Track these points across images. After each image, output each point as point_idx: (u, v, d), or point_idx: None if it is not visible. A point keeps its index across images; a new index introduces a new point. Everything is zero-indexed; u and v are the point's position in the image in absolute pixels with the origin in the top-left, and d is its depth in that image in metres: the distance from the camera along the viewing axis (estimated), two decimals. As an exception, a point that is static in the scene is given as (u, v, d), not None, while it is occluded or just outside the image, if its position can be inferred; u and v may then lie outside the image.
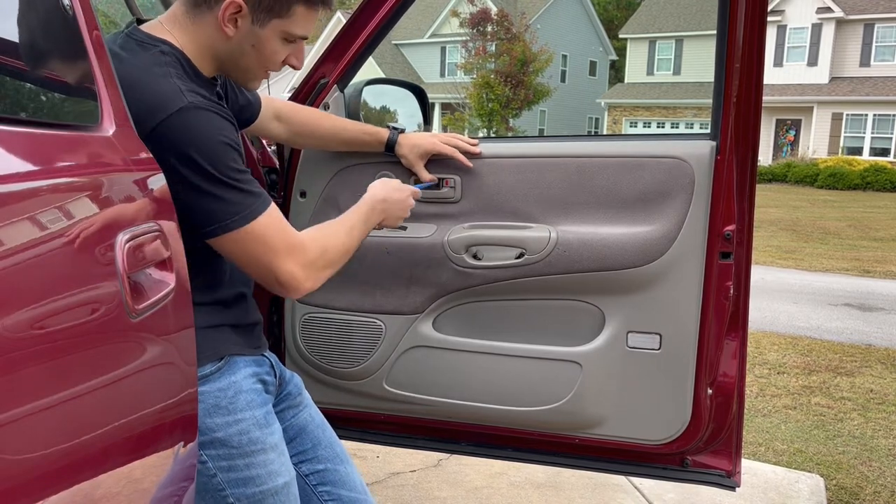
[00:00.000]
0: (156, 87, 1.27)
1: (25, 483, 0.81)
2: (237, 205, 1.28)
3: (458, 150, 1.87)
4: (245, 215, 1.28)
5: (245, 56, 1.39)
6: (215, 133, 1.27)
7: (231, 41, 1.36)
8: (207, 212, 1.27)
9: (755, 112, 1.70)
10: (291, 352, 2.06)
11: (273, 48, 1.39)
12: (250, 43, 1.37)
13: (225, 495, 1.37)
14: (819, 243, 11.29)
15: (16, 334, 0.80)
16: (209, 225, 1.28)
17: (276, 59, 1.41)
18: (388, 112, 2.27)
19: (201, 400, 1.33)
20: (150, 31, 1.37)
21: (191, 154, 1.24)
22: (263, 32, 1.36)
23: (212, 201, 1.26)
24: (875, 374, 4.81)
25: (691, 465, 1.90)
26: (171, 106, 1.25)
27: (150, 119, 1.23)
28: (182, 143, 1.24)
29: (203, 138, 1.26)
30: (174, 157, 1.23)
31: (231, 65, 1.41)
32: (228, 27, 1.34)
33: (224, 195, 1.27)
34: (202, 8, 1.35)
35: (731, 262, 1.78)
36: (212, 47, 1.38)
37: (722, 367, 1.84)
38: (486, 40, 28.50)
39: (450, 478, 3.02)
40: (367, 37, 1.91)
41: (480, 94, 28.09)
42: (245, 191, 1.29)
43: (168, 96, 1.26)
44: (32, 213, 0.87)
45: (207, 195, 1.26)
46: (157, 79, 1.28)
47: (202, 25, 1.36)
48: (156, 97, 1.26)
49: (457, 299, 1.92)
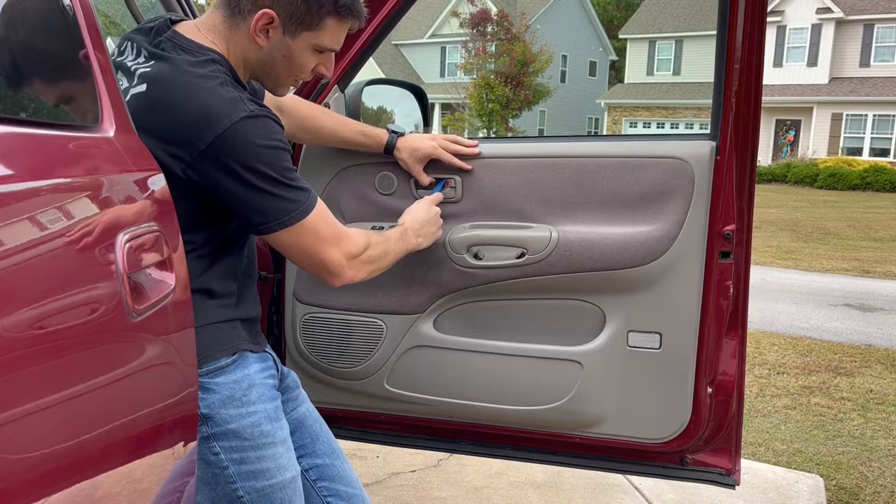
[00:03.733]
0: (216, 96, 1.32)
1: (26, 482, 0.81)
2: (294, 202, 1.37)
3: (457, 152, 1.88)
4: (301, 211, 1.38)
5: (276, 65, 1.44)
6: (272, 139, 1.35)
7: (262, 51, 1.41)
8: (268, 210, 1.36)
9: (755, 112, 1.71)
10: (292, 351, 2.06)
11: (303, 59, 1.44)
12: (281, 53, 1.42)
13: (235, 488, 1.38)
14: (819, 243, 11.29)
15: (16, 334, 0.80)
16: (269, 221, 1.37)
17: (306, 69, 1.46)
18: (386, 112, 2.27)
19: (216, 391, 1.36)
20: (192, 37, 1.40)
21: (254, 159, 1.32)
22: (294, 44, 1.41)
23: (273, 200, 1.35)
24: (875, 374, 4.81)
25: (691, 464, 1.91)
26: (235, 115, 1.31)
27: (214, 126, 1.29)
28: (246, 149, 1.31)
29: (264, 144, 1.33)
30: (237, 163, 1.31)
31: (262, 73, 1.47)
32: (260, 37, 1.39)
33: (284, 194, 1.36)
34: (237, 18, 1.40)
35: (731, 261, 1.78)
36: (245, 55, 1.43)
37: (722, 366, 1.84)
38: (486, 41, 28.50)
39: (450, 478, 3.02)
40: (368, 37, 1.91)
41: (480, 95, 28.08)
42: (299, 188, 1.39)
43: (231, 104, 1.32)
44: (32, 213, 0.87)
45: (269, 195, 1.34)
46: (216, 88, 1.33)
47: (237, 34, 1.41)
48: (217, 105, 1.31)
49: (458, 299, 1.93)
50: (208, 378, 1.36)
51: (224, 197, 1.35)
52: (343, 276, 1.48)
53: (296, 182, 1.38)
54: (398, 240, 1.65)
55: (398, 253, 1.64)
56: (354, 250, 1.48)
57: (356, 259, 1.49)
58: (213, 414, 1.35)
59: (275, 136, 1.35)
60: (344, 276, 1.48)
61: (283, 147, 1.37)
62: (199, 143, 1.29)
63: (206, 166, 1.31)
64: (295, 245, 1.42)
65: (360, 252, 1.49)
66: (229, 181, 1.32)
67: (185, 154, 1.30)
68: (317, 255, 1.43)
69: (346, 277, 1.48)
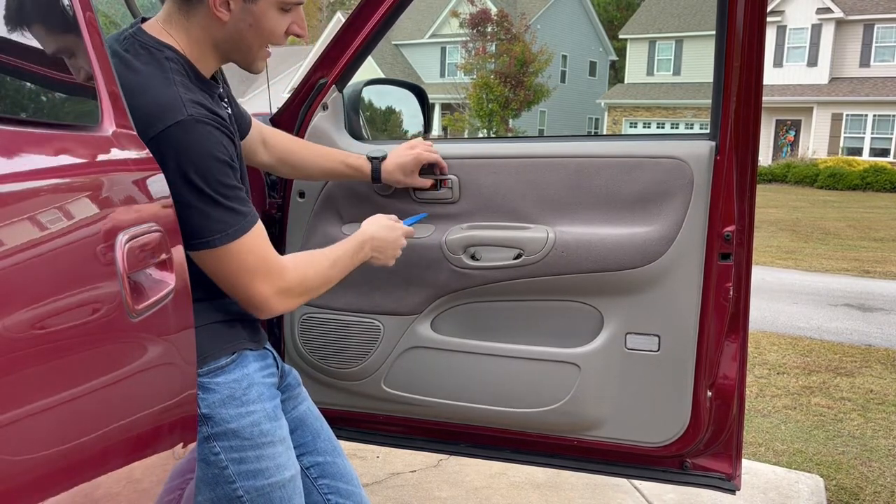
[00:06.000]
0: (158, 96, 1.28)
1: (26, 483, 0.81)
2: (222, 223, 1.28)
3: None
4: (228, 234, 1.29)
5: (244, 37, 1.39)
6: (211, 148, 1.28)
7: (227, 26, 1.37)
8: (193, 226, 1.27)
9: (755, 112, 1.70)
10: (291, 352, 2.06)
11: (271, 22, 1.39)
12: (247, 23, 1.38)
13: (235, 487, 1.38)
14: (819, 244, 11.29)
15: (16, 334, 0.80)
16: (193, 238, 1.28)
17: (277, 32, 1.41)
18: (395, 113, 2.26)
19: (216, 390, 1.36)
20: (153, 34, 1.37)
21: (184, 167, 1.25)
22: (257, 7, 1.37)
23: (198, 216, 1.27)
24: (875, 374, 4.81)
25: (691, 468, 1.89)
26: (170, 117, 1.26)
27: (149, 128, 1.24)
28: (177, 156, 1.25)
29: (197, 153, 1.26)
30: (168, 169, 1.24)
31: (233, 50, 1.42)
32: (221, 12, 1.35)
33: (211, 212, 1.27)
34: (193, 2, 1.36)
35: (731, 263, 1.77)
36: (210, 38, 1.38)
37: (722, 370, 1.82)
38: (485, 41, 28.50)
39: (450, 478, 3.02)
40: (366, 36, 1.91)
41: (480, 95, 28.08)
42: (231, 209, 1.29)
43: (169, 106, 1.27)
44: (32, 213, 0.87)
45: (195, 210, 1.26)
46: (160, 87, 1.29)
47: (196, 18, 1.37)
48: (158, 106, 1.27)
49: (455, 300, 1.92)
50: (208, 378, 1.35)
51: None
52: (271, 312, 1.38)
53: (229, 200, 1.28)
54: (353, 254, 1.54)
55: (346, 269, 1.53)
56: (285, 284, 1.37)
57: (289, 294, 1.38)
58: (213, 414, 1.35)
59: (214, 146, 1.28)
60: (271, 312, 1.38)
61: (221, 159, 1.28)
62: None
63: None
64: (219, 269, 1.32)
65: (290, 286, 1.38)
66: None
67: None
68: (242, 285, 1.33)
69: (274, 312, 1.39)
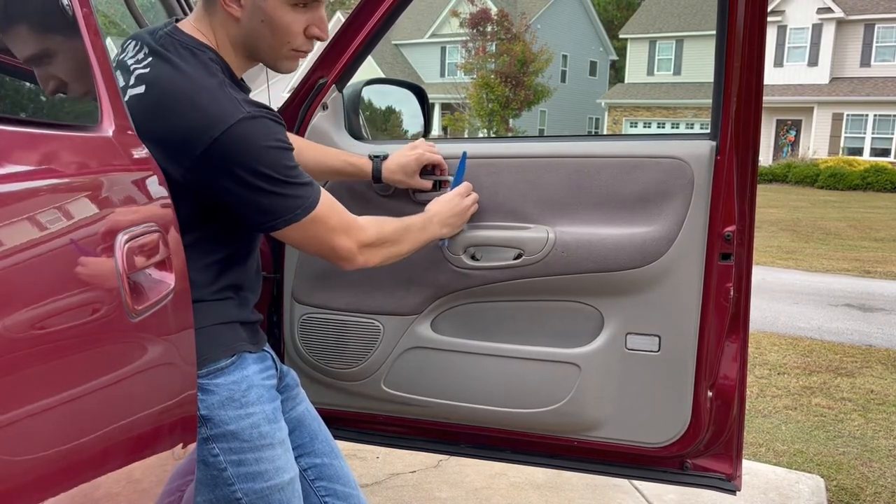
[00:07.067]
0: (216, 98, 1.31)
1: (26, 483, 0.81)
2: (298, 198, 1.37)
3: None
4: (307, 206, 1.38)
5: (261, 35, 1.39)
6: (271, 139, 1.34)
7: (241, 23, 1.38)
8: (273, 209, 1.36)
9: (755, 112, 1.69)
10: (290, 352, 2.06)
11: (284, 18, 1.38)
12: (259, 19, 1.37)
13: (234, 490, 1.38)
14: (819, 244, 11.29)
15: (16, 335, 0.80)
16: (274, 219, 1.37)
17: (294, 31, 1.40)
18: (395, 113, 2.26)
19: (216, 392, 1.36)
20: (189, 32, 1.39)
21: (254, 161, 1.31)
22: (267, 3, 1.36)
23: (277, 199, 1.35)
24: (875, 374, 4.81)
25: (691, 469, 1.88)
26: (231, 117, 1.29)
27: (211, 130, 1.28)
28: (245, 152, 1.31)
29: (263, 145, 1.32)
30: (237, 165, 1.30)
31: (253, 49, 1.42)
32: (232, 7, 1.36)
33: (287, 192, 1.36)
34: (211, 1, 1.37)
35: (732, 263, 1.76)
36: (230, 37, 1.40)
37: (722, 370, 1.82)
38: (486, 40, 28.50)
39: (450, 478, 3.02)
40: (366, 36, 1.90)
41: (480, 95, 28.09)
42: (303, 184, 1.38)
43: (228, 107, 1.30)
44: (32, 213, 0.87)
45: (272, 195, 1.34)
46: (215, 89, 1.32)
47: (215, 16, 1.38)
48: (218, 107, 1.30)
49: (455, 300, 1.92)
50: (207, 379, 1.35)
51: (226, 199, 1.34)
52: (355, 262, 1.50)
53: (299, 178, 1.38)
54: (420, 228, 1.66)
55: (418, 241, 1.66)
56: (365, 238, 1.50)
57: (367, 246, 1.51)
58: (212, 415, 1.35)
59: (274, 135, 1.34)
60: (356, 262, 1.50)
61: (282, 146, 1.35)
62: (198, 148, 1.28)
63: (205, 170, 1.30)
64: (304, 238, 1.44)
65: (370, 240, 1.51)
66: (231, 184, 1.31)
67: (185, 158, 1.29)
68: (327, 244, 1.45)
69: (359, 262, 1.51)
